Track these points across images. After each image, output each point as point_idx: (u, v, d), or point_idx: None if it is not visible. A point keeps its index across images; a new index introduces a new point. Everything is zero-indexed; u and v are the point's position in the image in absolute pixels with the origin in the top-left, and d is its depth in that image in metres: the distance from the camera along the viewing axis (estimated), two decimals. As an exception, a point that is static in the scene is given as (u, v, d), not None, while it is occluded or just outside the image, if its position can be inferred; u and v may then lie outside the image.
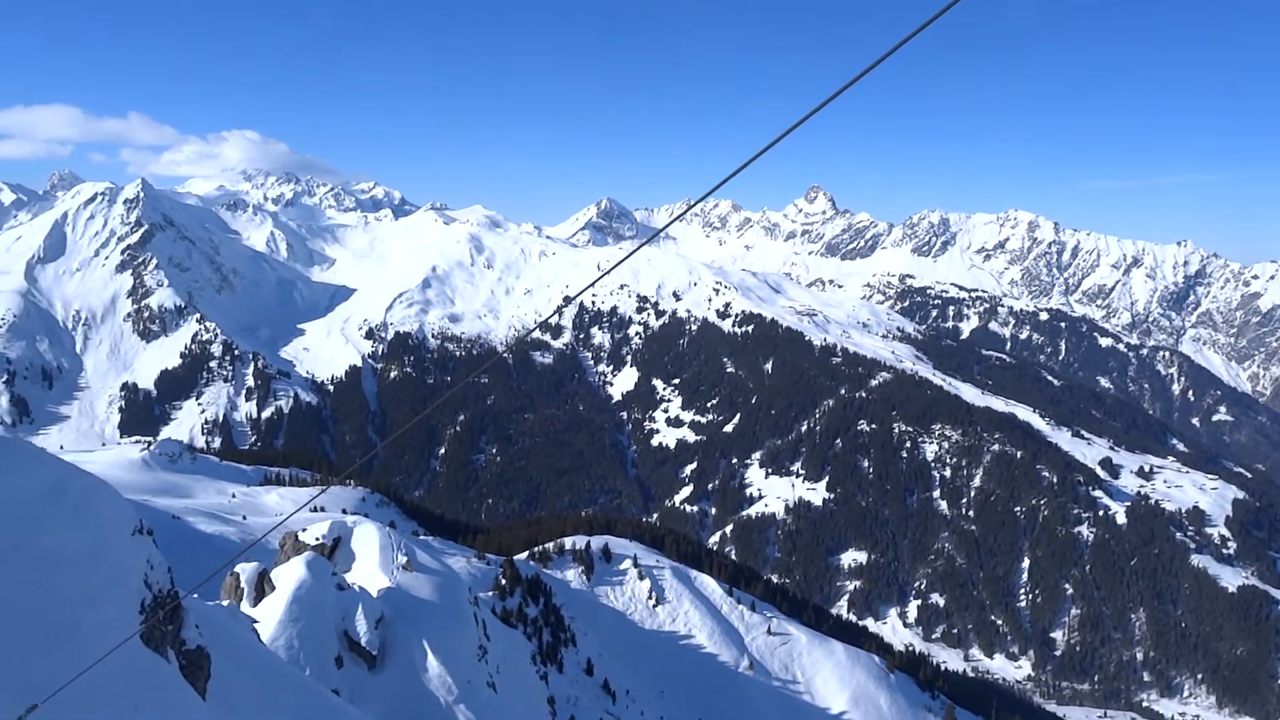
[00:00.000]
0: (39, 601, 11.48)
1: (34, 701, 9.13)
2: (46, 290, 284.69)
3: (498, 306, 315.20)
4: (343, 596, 44.37)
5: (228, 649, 20.17)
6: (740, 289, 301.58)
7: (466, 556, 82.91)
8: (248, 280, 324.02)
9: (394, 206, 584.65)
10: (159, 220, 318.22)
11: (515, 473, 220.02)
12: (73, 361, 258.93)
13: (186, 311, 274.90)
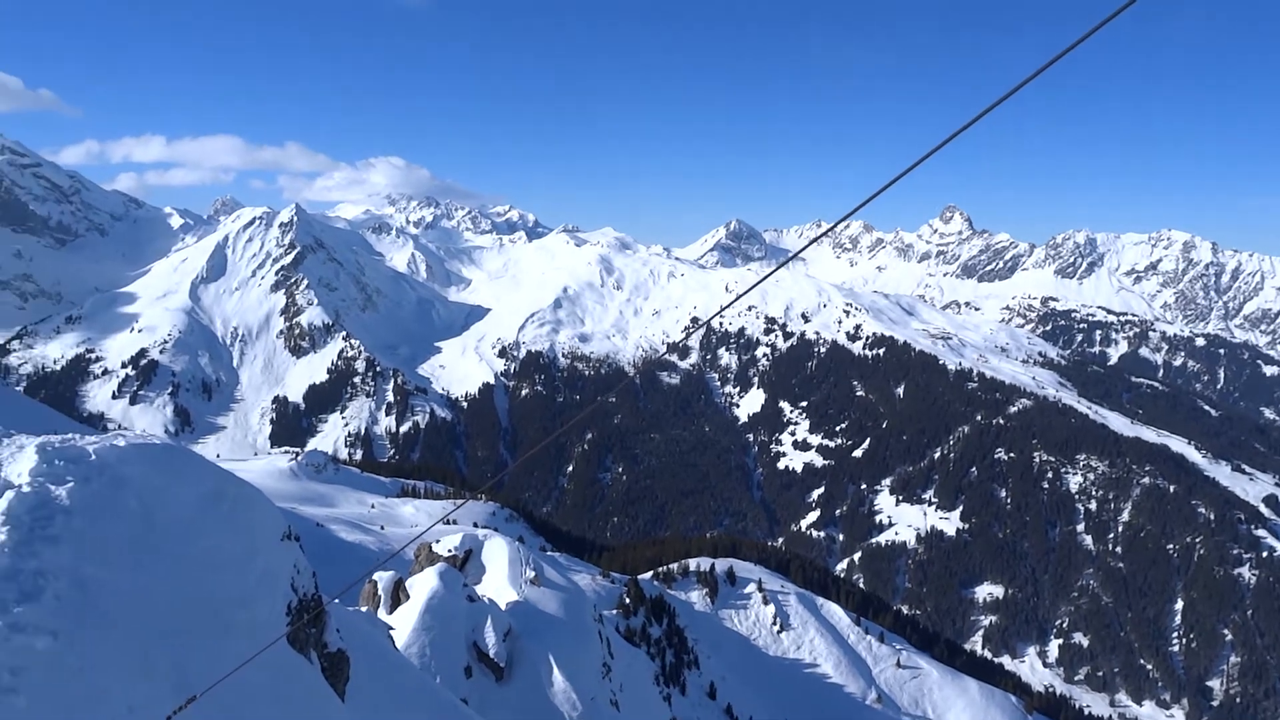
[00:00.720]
0: (198, 601, 12.22)
1: (192, 694, 9.70)
2: (208, 308, 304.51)
3: (626, 327, 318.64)
4: (473, 608, 45.46)
5: (366, 653, 20.97)
6: (871, 311, 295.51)
7: (592, 574, 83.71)
8: (390, 300, 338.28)
9: (528, 229, 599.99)
10: (310, 243, 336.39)
11: (640, 492, 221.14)
12: (230, 375, 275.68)
13: (334, 329, 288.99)
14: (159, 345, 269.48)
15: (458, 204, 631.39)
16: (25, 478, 11.26)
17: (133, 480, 12.53)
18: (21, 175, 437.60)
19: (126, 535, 11.73)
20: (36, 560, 9.91)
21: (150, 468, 13.11)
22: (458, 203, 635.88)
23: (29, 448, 12.08)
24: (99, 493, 11.74)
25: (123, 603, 10.64)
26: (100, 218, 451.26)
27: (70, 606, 9.64)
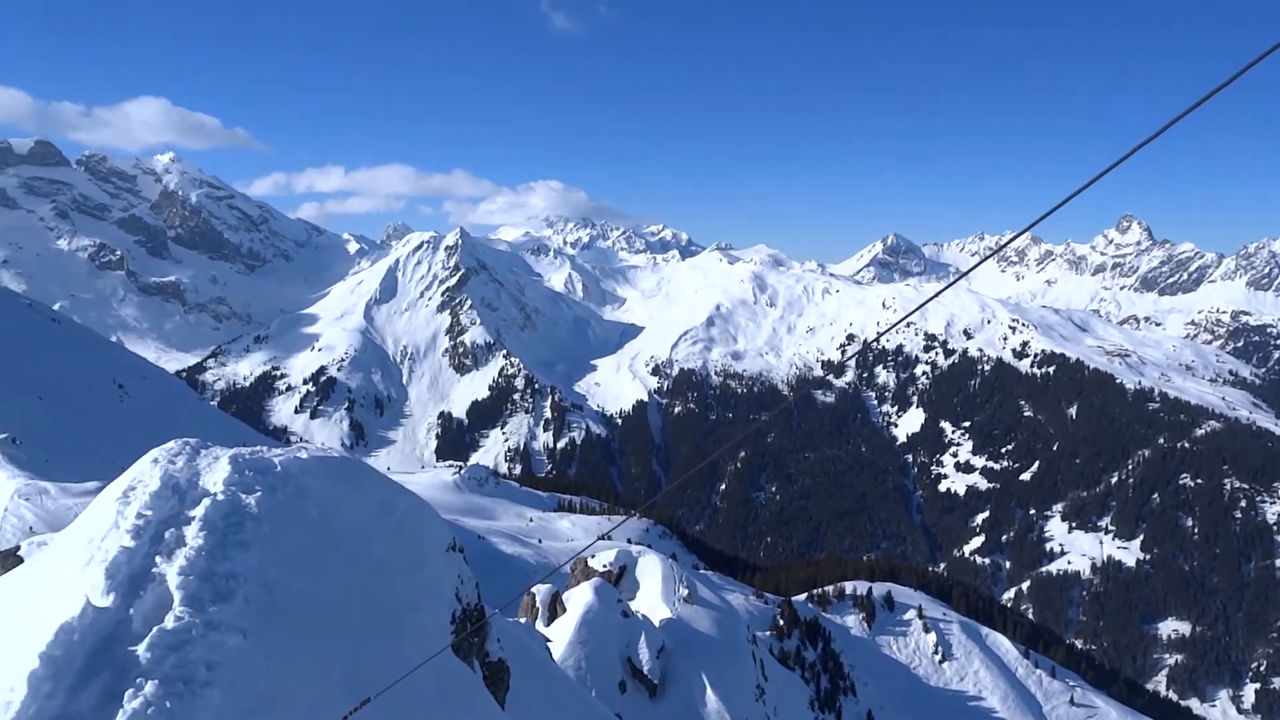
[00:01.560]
0: (370, 606, 12.86)
1: (366, 696, 10.21)
2: (380, 328, 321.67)
3: (779, 344, 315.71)
4: (627, 624, 45.88)
5: (524, 664, 21.50)
6: (1040, 327, 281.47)
7: (745, 594, 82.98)
8: (548, 319, 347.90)
9: (681, 248, 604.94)
10: (474, 265, 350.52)
11: (794, 512, 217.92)
12: (399, 391, 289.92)
13: (495, 348, 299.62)
14: (336, 363, 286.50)
15: (613, 225, 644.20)
16: (220, 487, 12.18)
17: (313, 491, 13.33)
18: (218, 207, 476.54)
19: (308, 542, 12.49)
20: (229, 563, 10.69)
21: (329, 479, 13.92)
22: (613, 223, 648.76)
23: (223, 459, 13.07)
24: (284, 502, 12.56)
25: (304, 606, 11.32)
26: (285, 244, 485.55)
27: (258, 607, 10.33)
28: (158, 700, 8.32)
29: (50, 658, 8.42)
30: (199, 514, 11.35)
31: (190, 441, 13.67)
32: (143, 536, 10.68)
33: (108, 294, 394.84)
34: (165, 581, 9.96)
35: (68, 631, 8.75)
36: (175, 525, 11.09)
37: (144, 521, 10.97)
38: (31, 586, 10.95)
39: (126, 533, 10.68)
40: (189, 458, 13.04)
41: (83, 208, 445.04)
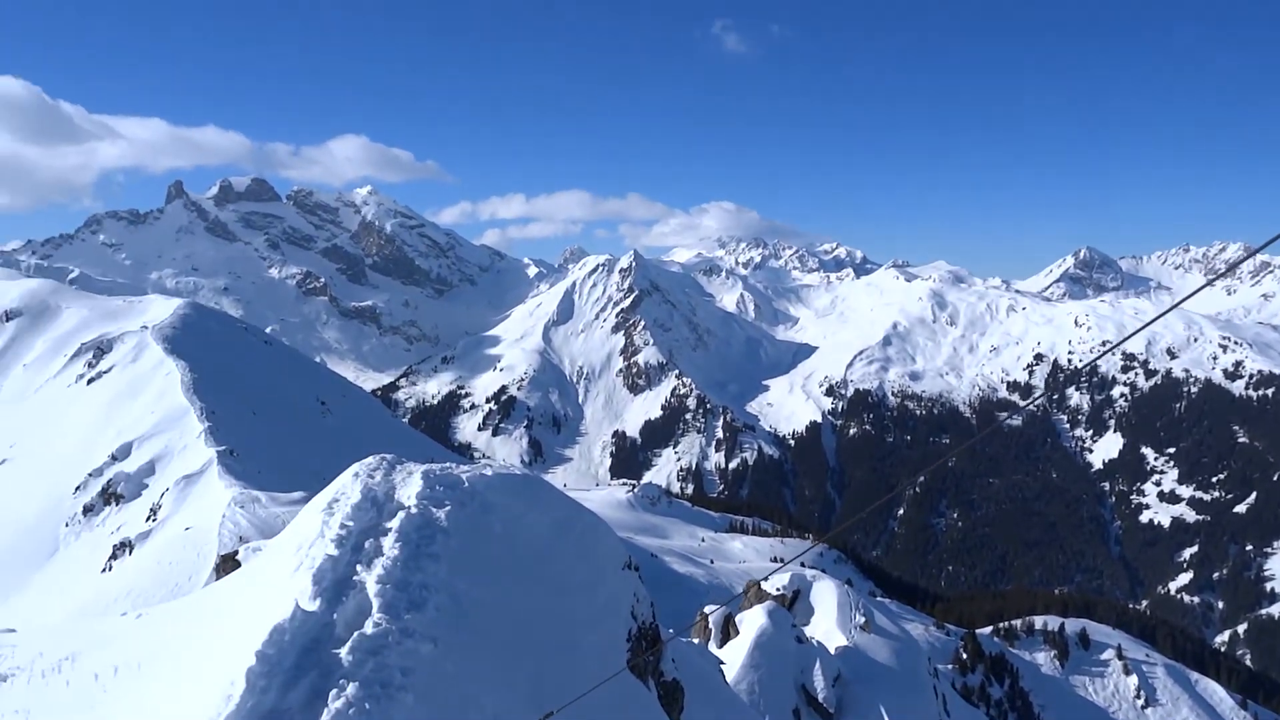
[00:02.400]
0: (551, 621, 13.21)
1: (548, 709, 10.47)
2: (558, 349, 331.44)
3: (960, 364, 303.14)
4: (801, 649, 45.02)
5: (698, 685, 21.47)
6: (1256, 345, 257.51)
7: (924, 624, 79.70)
8: (719, 339, 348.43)
9: (855, 265, 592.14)
10: (647, 286, 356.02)
11: (978, 540, 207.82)
12: (575, 410, 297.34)
13: (667, 368, 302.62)
14: (517, 383, 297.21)
15: (785, 244, 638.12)
16: (413, 500, 12.87)
17: (498, 506, 13.87)
18: (410, 235, 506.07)
19: (492, 556, 12.98)
20: (421, 574, 11.26)
21: (512, 495, 14.44)
22: (785, 242, 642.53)
23: (416, 474, 13.82)
24: (471, 516, 13.13)
25: (489, 618, 11.76)
26: (470, 270, 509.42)
27: (448, 617, 10.81)
28: (358, 702, 8.85)
29: (265, 656, 9.12)
30: (395, 526, 12.03)
31: (387, 457, 14.53)
32: (345, 545, 11.43)
33: (313, 318, 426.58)
34: (365, 589, 10.60)
35: (280, 632, 9.45)
36: (374, 536, 11.81)
37: (346, 531, 11.75)
38: (248, 588, 11.92)
39: (331, 541, 11.46)
40: (386, 472, 13.87)
41: (292, 239, 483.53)
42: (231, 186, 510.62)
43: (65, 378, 68.49)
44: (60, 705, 10.77)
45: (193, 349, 68.60)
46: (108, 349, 69.51)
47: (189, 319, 76.83)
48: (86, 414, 62.06)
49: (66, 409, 64.33)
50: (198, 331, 75.20)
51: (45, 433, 61.97)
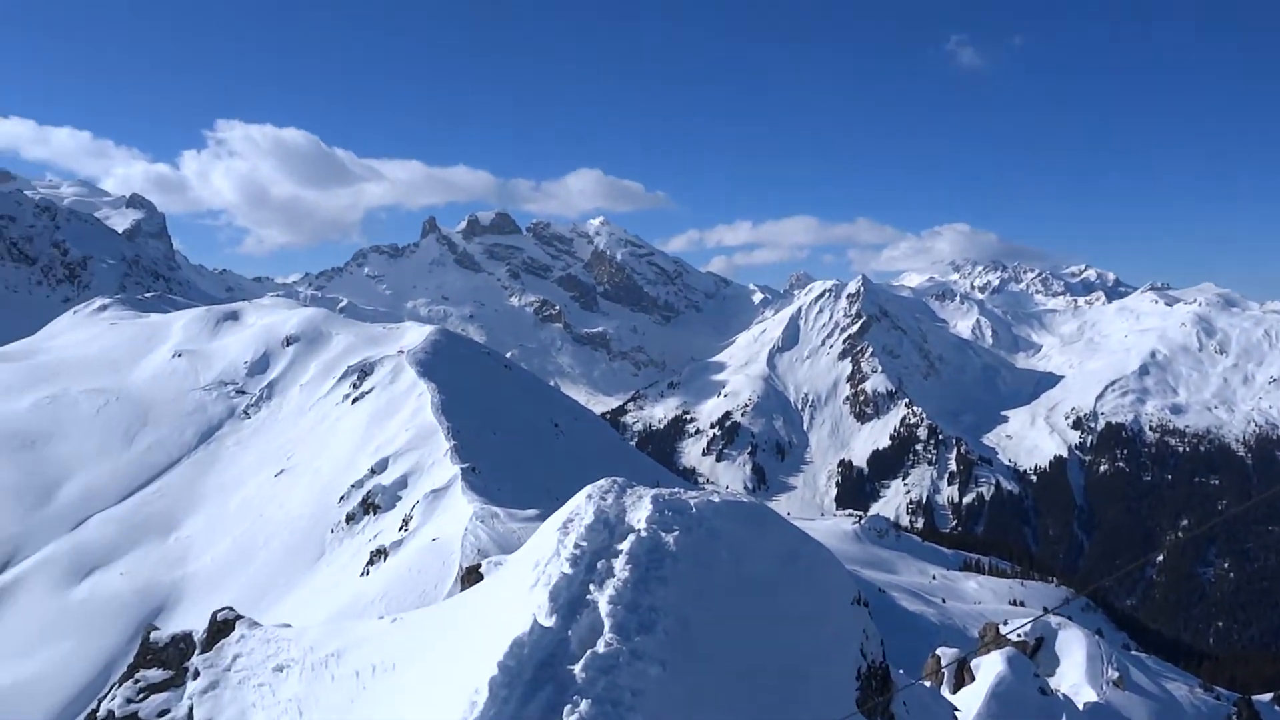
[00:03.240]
0: (776, 653, 13.01)
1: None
2: (782, 375, 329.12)
3: (1232, 397, 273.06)
4: (1045, 702, 41.81)
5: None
6: None
7: (1189, 684, 71.79)
8: (952, 366, 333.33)
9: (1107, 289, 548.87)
10: (875, 312, 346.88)
11: (1254, 594, 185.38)
12: (800, 438, 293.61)
13: (896, 396, 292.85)
14: (741, 409, 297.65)
15: (1026, 266, 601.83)
16: (643, 524, 13.13)
17: (725, 533, 13.86)
18: (639, 263, 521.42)
19: (719, 583, 12.98)
20: (651, 596, 11.44)
21: (739, 523, 14.39)
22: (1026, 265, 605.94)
23: (646, 498, 14.09)
24: (698, 542, 13.21)
25: (715, 645, 11.75)
26: (696, 296, 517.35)
27: (676, 641, 10.91)
28: (591, 719, 9.10)
29: (506, 667, 9.59)
30: (626, 548, 12.33)
31: (619, 480, 14.93)
32: (579, 565, 11.84)
33: (548, 343, 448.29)
34: (597, 608, 10.91)
35: (519, 646, 9.91)
36: (606, 557, 12.15)
37: (580, 551, 12.16)
38: (490, 601, 12.59)
39: (566, 560, 11.91)
40: (617, 495, 14.25)
41: (530, 268, 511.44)
42: (478, 221, 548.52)
43: (334, 397, 75.52)
44: (327, 698, 11.82)
45: (442, 372, 73.74)
46: (369, 371, 75.94)
47: (439, 344, 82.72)
48: (350, 430, 68.03)
49: (334, 425, 70.87)
50: (446, 356, 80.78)
51: (317, 446, 68.53)
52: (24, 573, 55.83)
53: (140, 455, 69.39)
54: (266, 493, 62.82)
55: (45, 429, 71.68)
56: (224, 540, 57.90)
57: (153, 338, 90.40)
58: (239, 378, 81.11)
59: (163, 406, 75.89)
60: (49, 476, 65.98)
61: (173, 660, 14.83)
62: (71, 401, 75.61)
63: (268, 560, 54.35)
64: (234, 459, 70.05)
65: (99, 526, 60.60)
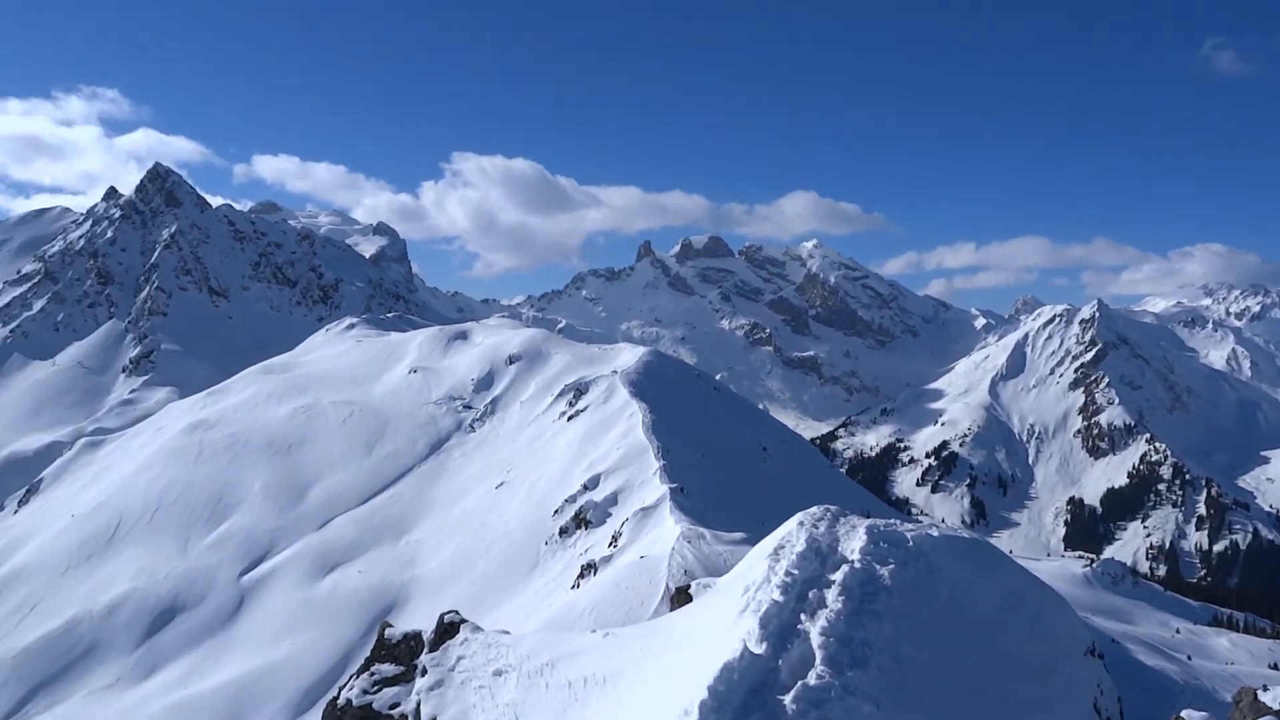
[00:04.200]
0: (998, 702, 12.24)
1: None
2: (1005, 405, 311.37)
3: None
4: (1314, 783, 36.94)
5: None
6: None
7: None
8: (1203, 400, 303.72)
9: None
10: (1112, 339, 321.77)
11: None
12: (1024, 471, 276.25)
13: (1136, 431, 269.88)
14: (959, 439, 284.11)
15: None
16: (856, 555, 12.76)
17: (944, 570, 13.23)
18: (852, 287, 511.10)
19: (937, 622, 12.38)
20: (864, 631, 11.08)
21: (959, 560, 13.70)
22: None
23: (860, 528, 13.70)
24: (915, 577, 12.67)
25: (932, 687, 11.20)
26: (913, 320, 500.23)
27: (890, 680, 10.50)
28: (804, 751, 8.90)
29: (715, 691, 9.56)
30: (838, 579, 12.02)
31: (831, 508, 14.60)
32: (790, 593, 11.65)
33: (757, 366, 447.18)
34: (809, 639, 10.68)
35: (729, 671, 9.86)
36: (817, 586, 11.89)
37: (791, 579, 11.97)
38: (699, 623, 12.62)
39: (776, 588, 11.75)
40: (829, 523, 13.94)
41: (741, 291, 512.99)
42: (691, 244, 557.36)
43: (551, 414, 78.65)
44: (541, 706, 12.24)
45: (653, 393, 75.16)
46: (585, 390, 78.51)
47: (651, 365, 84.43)
48: (565, 447, 70.54)
49: (551, 441, 73.74)
50: (658, 377, 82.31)
51: (534, 461, 71.57)
52: (278, 565, 61.59)
53: (378, 463, 75.04)
54: (488, 503, 66.22)
55: (299, 436, 79.01)
56: (449, 546, 61.47)
57: (392, 355, 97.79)
58: (466, 393, 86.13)
59: (399, 419, 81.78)
60: (301, 479, 72.60)
61: (404, 656, 15.88)
62: (322, 411, 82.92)
63: (487, 567, 57.20)
64: (459, 470, 74.38)
65: (341, 527, 65.98)
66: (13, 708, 51.19)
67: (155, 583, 59.72)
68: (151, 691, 50.27)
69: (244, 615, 56.83)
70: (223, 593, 58.84)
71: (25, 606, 60.45)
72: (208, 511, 68.18)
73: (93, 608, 57.76)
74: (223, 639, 54.69)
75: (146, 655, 53.72)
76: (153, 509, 68.99)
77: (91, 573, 62.67)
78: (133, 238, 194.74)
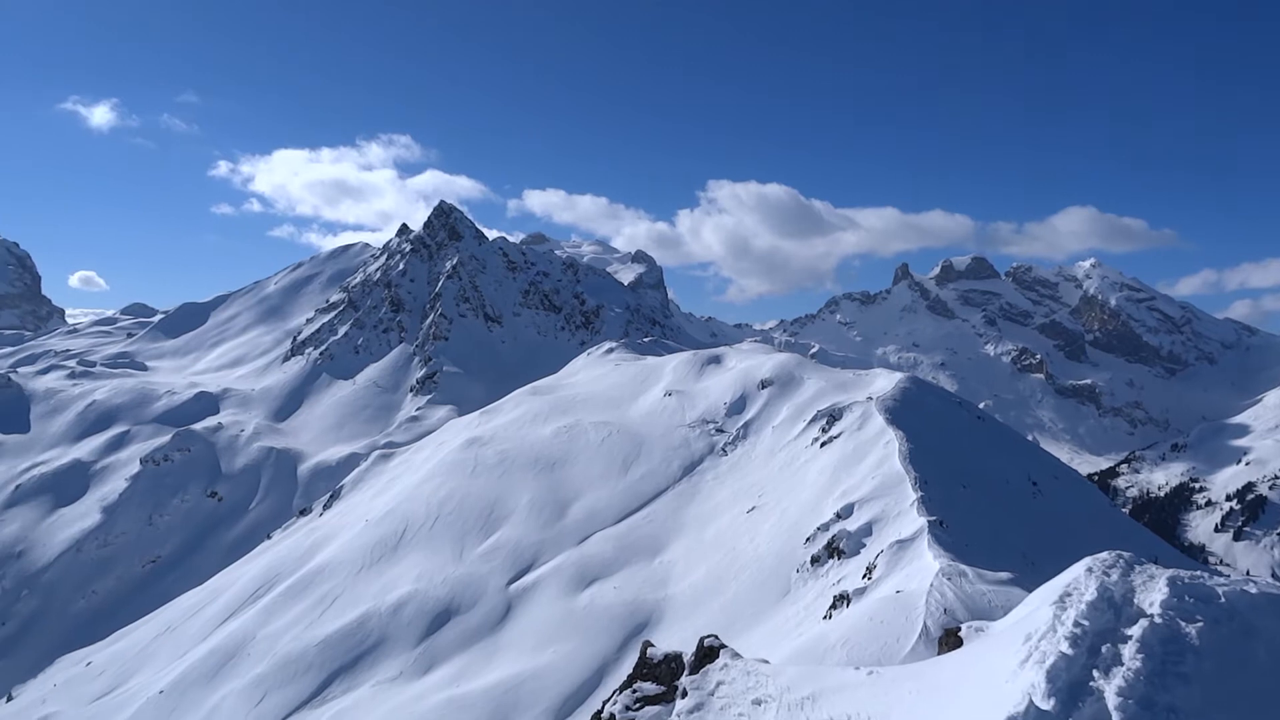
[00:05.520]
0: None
1: None
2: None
3: None
4: None
5: None
6: None
7: None
8: None
9: None
10: None
11: None
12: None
13: None
14: (1269, 480, 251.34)
15: None
16: (1157, 609, 11.44)
17: (1263, 631, 11.59)
18: (1137, 309, 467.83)
19: (1256, 691, 10.85)
20: (1169, 695, 9.89)
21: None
22: None
23: (1160, 579, 12.30)
24: (1228, 639, 11.19)
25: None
26: (1210, 346, 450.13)
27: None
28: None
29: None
30: (1135, 634, 10.83)
31: (1123, 555, 13.25)
32: (1080, 646, 10.64)
33: (1026, 395, 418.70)
34: (1103, 699, 9.69)
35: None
36: (1110, 641, 10.78)
37: (1081, 631, 10.94)
38: (974, 670, 11.81)
39: (1064, 639, 10.77)
40: (1123, 572, 12.64)
41: (1008, 315, 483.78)
42: (952, 266, 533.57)
43: (803, 440, 77.63)
44: (802, 741, 11.93)
45: (910, 420, 72.23)
46: (838, 416, 76.88)
47: (908, 392, 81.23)
48: (818, 474, 69.31)
49: (802, 467, 72.76)
50: (915, 404, 79.05)
51: (785, 487, 70.88)
52: (541, 576, 64.87)
53: (633, 483, 77.36)
54: (739, 527, 66.30)
55: (562, 454, 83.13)
56: (700, 568, 62.11)
57: (648, 378, 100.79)
58: (719, 417, 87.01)
59: (654, 440, 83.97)
60: (562, 495, 76.25)
61: (664, 676, 16.10)
62: (582, 431, 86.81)
63: (738, 591, 57.17)
64: (711, 493, 75.09)
65: (599, 543, 68.51)
66: (316, 689, 57.17)
67: (434, 586, 64.73)
68: (429, 686, 54.39)
69: (510, 622, 60.29)
70: (492, 599, 62.76)
71: (327, 600, 67.51)
72: (480, 522, 73.18)
73: (381, 605, 63.50)
74: (491, 643, 58.25)
75: (425, 653, 58.24)
76: (433, 517, 75.05)
77: (381, 573, 69.00)
78: (420, 269, 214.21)
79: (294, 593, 70.24)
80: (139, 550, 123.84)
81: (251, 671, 60.57)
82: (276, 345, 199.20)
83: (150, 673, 71.28)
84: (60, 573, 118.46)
